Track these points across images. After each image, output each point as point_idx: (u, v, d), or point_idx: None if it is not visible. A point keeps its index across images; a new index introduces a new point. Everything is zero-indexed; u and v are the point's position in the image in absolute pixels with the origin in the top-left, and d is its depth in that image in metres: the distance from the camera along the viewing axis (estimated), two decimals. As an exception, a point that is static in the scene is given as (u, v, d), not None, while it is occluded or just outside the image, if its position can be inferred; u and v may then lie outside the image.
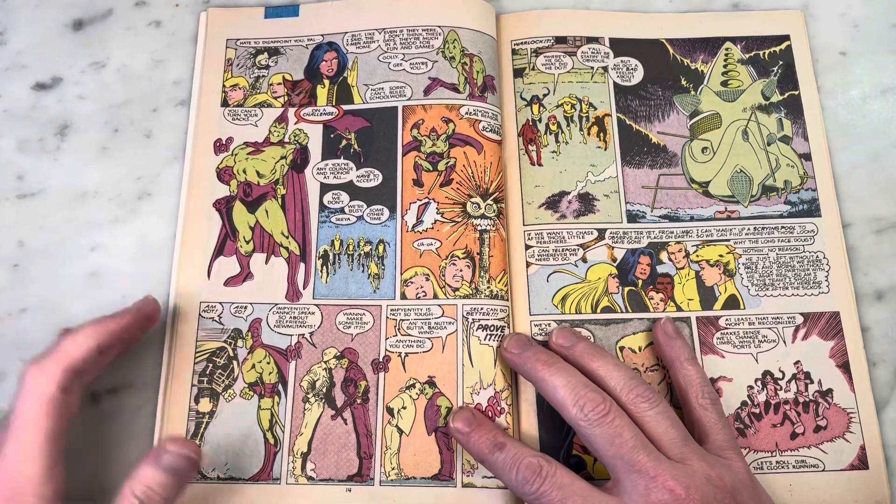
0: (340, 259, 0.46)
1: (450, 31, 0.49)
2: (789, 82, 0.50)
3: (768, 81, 0.50)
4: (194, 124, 0.49)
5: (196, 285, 0.46)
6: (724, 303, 0.46)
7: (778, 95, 0.50)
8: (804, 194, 0.47)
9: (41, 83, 0.51)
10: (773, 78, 0.50)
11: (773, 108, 0.49)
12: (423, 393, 0.43)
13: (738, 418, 0.44)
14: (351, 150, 0.48)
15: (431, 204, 0.46)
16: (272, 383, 0.44)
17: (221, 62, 0.51)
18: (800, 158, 0.48)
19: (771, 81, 0.50)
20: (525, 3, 0.53)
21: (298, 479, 0.42)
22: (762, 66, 0.50)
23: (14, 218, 0.48)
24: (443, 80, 0.48)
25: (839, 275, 0.46)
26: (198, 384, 0.44)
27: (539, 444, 0.43)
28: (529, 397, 0.44)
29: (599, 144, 0.49)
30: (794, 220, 0.47)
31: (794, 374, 0.44)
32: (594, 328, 0.45)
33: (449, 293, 0.45)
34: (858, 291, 0.46)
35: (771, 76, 0.50)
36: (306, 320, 0.45)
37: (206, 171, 0.48)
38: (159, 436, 0.44)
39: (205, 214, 0.47)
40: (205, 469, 0.43)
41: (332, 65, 0.50)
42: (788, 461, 0.43)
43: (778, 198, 0.47)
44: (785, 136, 0.49)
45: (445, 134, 0.47)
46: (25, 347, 0.46)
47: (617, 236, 0.47)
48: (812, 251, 0.46)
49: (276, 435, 0.43)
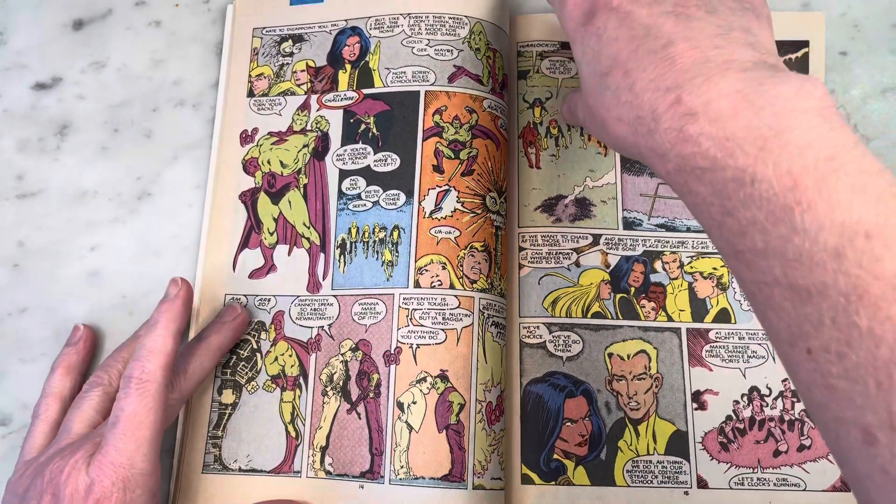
0: (356, 247, 0.46)
1: (476, 22, 0.48)
2: None
3: None
4: (221, 117, 0.49)
5: (222, 278, 0.46)
6: (716, 316, 0.46)
7: None
8: None
9: (41, 83, 0.51)
10: None
11: None
12: (434, 387, 0.42)
13: (722, 433, 0.44)
14: (369, 134, 0.47)
15: (452, 192, 0.45)
16: (294, 376, 0.44)
17: (248, 52, 0.51)
18: None
19: None
20: (526, 5, 0.52)
21: (318, 472, 0.43)
22: None
23: (14, 218, 0.49)
24: (468, 69, 0.47)
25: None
26: (221, 375, 0.45)
27: (521, 448, 0.44)
28: (514, 401, 0.44)
29: (599, 150, 0.49)
30: None
31: (781, 392, 0.44)
32: (584, 333, 0.45)
33: (466, 284, 0.44)
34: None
35: None
36: (325, 312, 0.45)
37: (233, 163, 0.48)
38: (182, 426, 0.44)
39: (231, 207, 0.48)
40: (226, 460, 0.43)
41: (355, 49, 0.49)
42: (769, 478, 0.43)
43: None
44: None
45: (469, 123, 0.46)
46: (25, 347, 0.47)
47: (612, 242, 0.47)
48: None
49: (298, 428, 0.43)
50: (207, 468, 0.43)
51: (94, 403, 0.40)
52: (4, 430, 0.46)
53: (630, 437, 0.44)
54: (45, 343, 0.47)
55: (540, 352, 0.45)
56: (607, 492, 0.43)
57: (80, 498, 0.34)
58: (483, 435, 0.41)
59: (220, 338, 0.43)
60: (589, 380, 0.45)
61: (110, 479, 0.35)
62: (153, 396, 0.36)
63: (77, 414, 0.39)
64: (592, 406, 0.44)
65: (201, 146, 0.50)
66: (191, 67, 0.51)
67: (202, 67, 0.51)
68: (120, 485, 0.35)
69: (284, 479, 0.43)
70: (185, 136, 0.50)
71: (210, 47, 0.52)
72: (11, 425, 0.46)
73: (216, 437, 0.44)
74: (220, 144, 0.49)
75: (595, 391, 0.45)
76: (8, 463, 0.45)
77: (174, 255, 0.48)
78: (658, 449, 0.44)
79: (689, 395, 0.45)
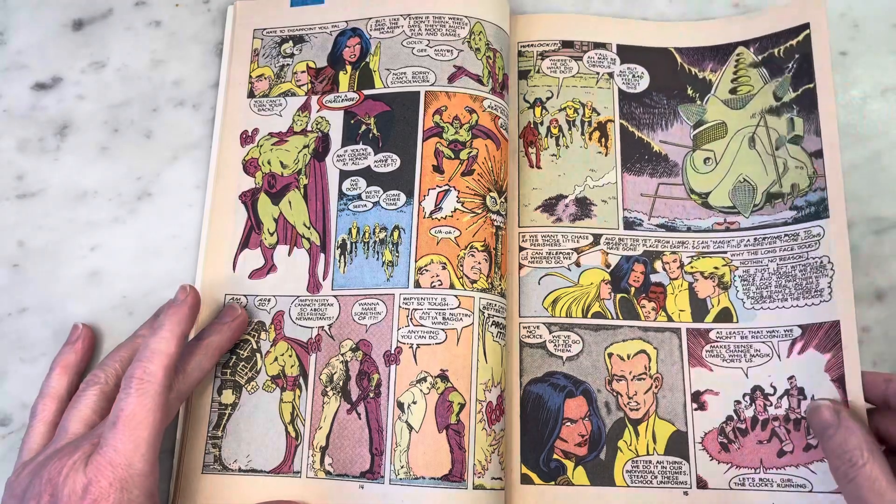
0: (357, 248, 0.46)
1: (476, 22, 0.48)
2: (804, 75, 0.48)
3: (781, 81, 0.48)
4: (221, 117, 0.49)
5: (222, 278, 0.47)
6: (717, 315, 0.46)
7: (791, 93, 0.48)
8: (812, 196, 0.46)
9: (41, 83, 0.51)
10: (787, 76, 0.48)
11: (785, 109, 0.48)
12: (434, 387, 0.42)
13: (722, 433, 0.44)
14: (370, 134, 0.48)
15: (452, 192, 0.45)
16: (294, 376, 0.44)
17: (248, 53, 0.51)
18: (810, 157, 0.46)
19: (784, 80, 0.48)
20: (526, 5, 0.52)
21: (318, 472, 0.43)
22: (776, 65, 0.49)
23: (14, 218, 0.49)
24: (468, 69, 0.48)
25: (843, 278, 0.44)
26: (221, 376, 0.45)
27: (521, 448, 0.44)
28: (514, 401, 0.44)
29: (600, 150, 0.49)
30: (800, 225, 0.46)
31: (786, 390, 0.44)
32: (584, 333, 0.45)
33: (467, 284, 0.44)
34: (858, 292, 0.46)
35: (785, 73, 0.48)
36: (326, 312, 0.45)
37: (233, 163, 0.48)
38: (182, 426, 0.44)
39: (231, 207, 0.48)
40: (226, 461, 0.43)
41: (355, 50, 0.49)
42: (773, 479, 0.43)
43: (783, 204, 0.47)
44: (796, 136, 0.47)
45: (469, 123, 0.46)
46: (25, 347, 0.47)
47: (612, 242, 0.47)
48: (816, 256, 0.45)
49: (297, 428, 0.43)
50: (207, 468, 0.43)
51: (91, 403, 0.40)
52: (4, 430, 0.46)
53: (630, 438, 0.44)
54: (45, 343, 0.47)
55: (540, 352, 0.45)
56: (607, 492, 0.43)
57: (76, 498, 0.34)
58: (483, 435, 0.41)
59: (219, 338, 0.43)
60: (589, 380, 0.45)
61: (108, 480, 0.34)
62: (153, 398, 0.36)
63: (74, 413, 0.39)
64: (592, 406, 0.44)
65: (201, 146, 0.50)
66: (191, 68, 0.51)
67: (202, 68, 0.51)
68: (117, 485, 0.35)
69: (284, 479, 0.43)
70: (185, 137, 0.50)
71: (210, 48, 0.52)
72: (11, 425, 0.46)
73: (216, 437, 0.44)
74: (220, 145, 0.49)
75: (595, 391, 0.45)
76: (8, 463, 0.45)
77: (174, 256, 0.48)
78: (658, 449, 0.44)
79: (689, 395, 0.44)
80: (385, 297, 0.44)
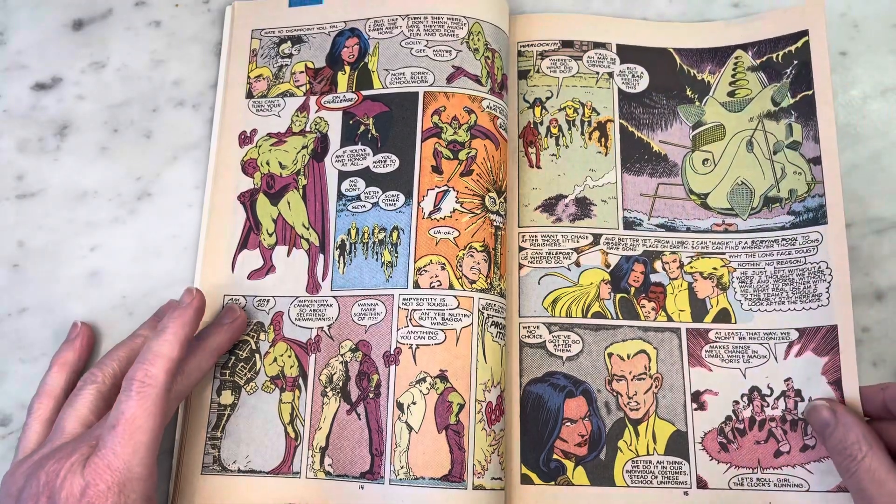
0: (356, 248, 0.46)
1: (474, 22, 0.48)
2: (803, 82, 0.48)
3: (780, 86, 0.49)
4: (219, 118, 0.49)
5: (220, 278, 0.46)
6: (716, 316, 0.46)
7: (789, 99, 0.48)
8: (810, 202, 0.46)
9: (41, 83, 0.51)
10: (785, 81, 0.48)
11: (783, 114, 0.48)
12: (433, 388, 0.42)
13: (721, 433, 0.44)
14: (369, 135, 0.48)
15: (451, 192, 0.45)
16: (293, 377, 0.44)
17: (246, 54, 0.51)
18: (808, 164, 0.47)
19: (783, 85, 0.48)
20: (526, 5, 0.52)
21: (317, 473, 0.43)
22: (774, 71, 0.49)
23: (14, 218, 0.49)
24: (467, 70, 0.48)
25: (841, 283, 0.44)
26: (220, 376, 0.45)
27: (521, 448, 0.44)
28: (514, 401, 0.44)
29: (600, 149, 0.49)
30: (797, 230, 0.46)
31: (783, 391, 0.44)
32: (584, 333, 0.45)
33: (466, 285, 0.44)
34: (858, 292, 0.46)
35: (783, 79, 0.49)
36: (325, 313, 0.45)
37: (231, 164, 0.48)
38: (181, 427, 0.44)
39: (230, 208, 0.48)
40: (225, 461, 0.43)
41: (354, 51, 0.49)
42: (770, 479, 0.43)
43: (781, 209, 0.47)
44: (794, 142, 0.47)
45: (468, 124, 0.46)
46: (25, 347, 0.47)
47: (612, 242, 0.47)
48: (814, 262, 0.45)
49: (297, 429, 0.43)
50: (206, 469, 0.43)
51: (87, 402, 0.39)
52: (4, 430, 0.46)
53: (630, 438, 0.44)
54: (45, 343, 0.47)
55: (540, 352, 0.45)
56: (607, 492, 0.43)
57: (74, 500, 0.34)
58: (483, 435, 0.41)
59: (217, 339, 0.43)
60: (589, 380, 0.45)
61: (105, 483, 0.34)
62: (154, 401, 0.36)
63: (71, 412, 0.39)
64: (592, 406, 0.44)
65: (201, 146, 0.50)
66: (190, 68, 0.51)
67: (202, 68, 0.51)
68: (115, 489, 0.34)
69: (284, 479, 0.43)
70: (185, 137, 0.50)
71: (210, 48, 0.52)
72: (11, 425, 0.46)
73: (215, 437, 0.44)
74: (219, 145, 0.49)
75: (595, 391, 0.45)
76: (7, 463, 0.44)
77: (174, 256, 0.48)
78: (658, 449, 0.44)
79: (689, 395, 0.44)
80: (384, 298, 0.44)
